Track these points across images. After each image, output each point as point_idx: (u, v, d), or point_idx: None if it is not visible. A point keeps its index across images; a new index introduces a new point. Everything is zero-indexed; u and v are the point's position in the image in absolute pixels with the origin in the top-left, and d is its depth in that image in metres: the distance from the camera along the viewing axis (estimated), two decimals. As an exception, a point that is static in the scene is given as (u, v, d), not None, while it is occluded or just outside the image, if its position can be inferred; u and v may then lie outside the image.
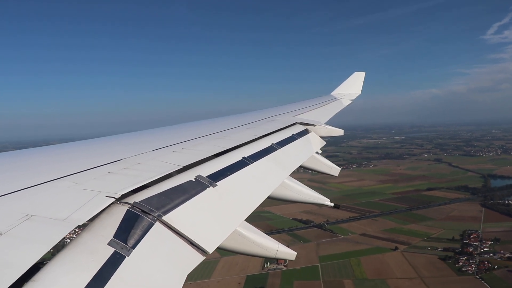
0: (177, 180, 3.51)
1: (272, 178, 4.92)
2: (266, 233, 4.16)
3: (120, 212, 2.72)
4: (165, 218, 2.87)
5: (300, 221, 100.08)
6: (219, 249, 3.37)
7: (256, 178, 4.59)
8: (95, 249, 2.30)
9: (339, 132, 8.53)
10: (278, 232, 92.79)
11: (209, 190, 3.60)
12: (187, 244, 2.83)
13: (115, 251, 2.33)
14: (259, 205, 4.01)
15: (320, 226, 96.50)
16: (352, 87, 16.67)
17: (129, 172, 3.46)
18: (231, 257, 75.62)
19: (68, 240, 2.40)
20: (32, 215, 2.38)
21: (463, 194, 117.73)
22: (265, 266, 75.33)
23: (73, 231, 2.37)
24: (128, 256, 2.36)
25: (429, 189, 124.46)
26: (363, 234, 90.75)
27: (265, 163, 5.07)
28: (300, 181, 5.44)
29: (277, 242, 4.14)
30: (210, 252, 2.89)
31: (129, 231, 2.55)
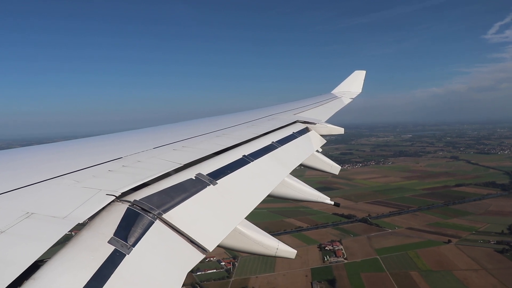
0: (177, 178, 3.51)
1: (273, 176, 4.91)
2: (269, 232, 4.17)
3: (120, 210, 2.72)
4: (165, 216, 2.87)
5: (342, 215, 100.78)
6: (219, 247, 3.37)
7: (256, 176, 4.58)
8: (95, 247, 2.30)
9: (340, 130, 8.53)
10: (324, 227, 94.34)
11: (210, 188, 3.60)
12: (187, 242, 2.82)
13: (115, 249, 2.33)
14: (295, 201, 3.99)
15: (364, 221, 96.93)
16: (352, 85, 16.68)
17: (130, 170, 3.46)
18: (288, 251, 77.34)
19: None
20: (32, 213, 2.38)
21: (494, 190, 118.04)
22: (325, 259, 75.78)
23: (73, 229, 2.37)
24: (128, 254, 2.35)
25: (457, 185, 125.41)
26: (410, 228, 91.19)
27: (265, 161, 5.07)
28: (322, 178, 5.43)
29: (277, 240, 4.14)
30: (210, 250, 2.89)
31: (129, 229, 2.54)
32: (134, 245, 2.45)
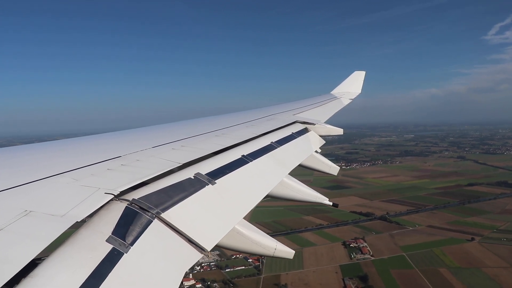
0: (176, 178, 3.51)
1: (271, 176, 4.92)
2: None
3: (118, 209, 2.72)
4: (163, 215, 2.87)
5: (360, 213, 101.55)
6: (218, 247, 3.38)
7: (255, 176, 4.58)
8: (93, 246, 2.30)
9: (339, 131, 8.52)
10: (345, 224, 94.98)
11: (208, 188, 3.60)
12: (185, 242, 2.83)
13: (113, 248, 2.33)
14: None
15: (384, 219, 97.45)
16: (352, 86, 16.68)
17: (128, 169, 3.46)
18: (313, 248, 78.20)
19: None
20: (30, 211, 2.38)
21: (507, 189, 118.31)
22: (352, 256, 76.26)
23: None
24: (126, 253, 2.36)
25: (470, 185, 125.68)
26: (430, 226, 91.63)
27: (264, 161, 5.07)
28: (333, 177, 5.43)
29: (275, 240, 4.14)
30: (208, 250, 2.90)
31: (127, 228, 2.55)
32: (132, 244, 2.45)
